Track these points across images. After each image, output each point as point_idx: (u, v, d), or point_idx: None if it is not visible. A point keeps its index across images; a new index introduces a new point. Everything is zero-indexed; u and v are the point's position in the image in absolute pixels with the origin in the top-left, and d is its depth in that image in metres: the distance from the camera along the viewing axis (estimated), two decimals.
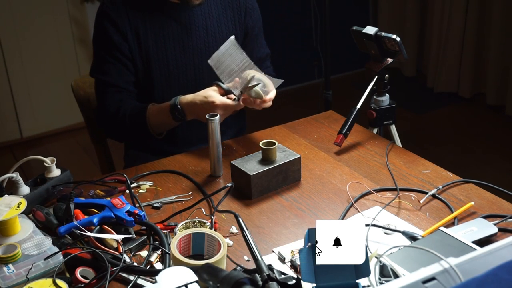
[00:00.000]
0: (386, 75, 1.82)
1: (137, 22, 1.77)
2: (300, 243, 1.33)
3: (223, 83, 1.68)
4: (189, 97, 1.68)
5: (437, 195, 1.49)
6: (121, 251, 1.27)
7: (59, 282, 1.17)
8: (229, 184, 1.49)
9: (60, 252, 1.25)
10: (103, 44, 1.80)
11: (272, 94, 1.67)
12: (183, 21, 1.81)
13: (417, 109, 4.01)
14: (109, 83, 1.78)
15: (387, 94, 1.86)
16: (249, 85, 1.63)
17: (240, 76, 1.67)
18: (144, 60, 1.80)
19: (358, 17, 4.49)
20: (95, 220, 1.33)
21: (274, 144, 1.55)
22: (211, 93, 1.65)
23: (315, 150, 1.75)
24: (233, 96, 1.65)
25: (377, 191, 1.52)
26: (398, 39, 1.71)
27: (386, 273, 1.09)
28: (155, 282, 1.15)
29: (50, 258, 1.23)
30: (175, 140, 1.90)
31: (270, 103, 1.68)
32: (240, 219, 1.23)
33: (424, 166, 1.64)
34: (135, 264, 1.28)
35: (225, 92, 1.67)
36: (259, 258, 1.11)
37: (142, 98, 1.84)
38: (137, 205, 1.48)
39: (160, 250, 1.31)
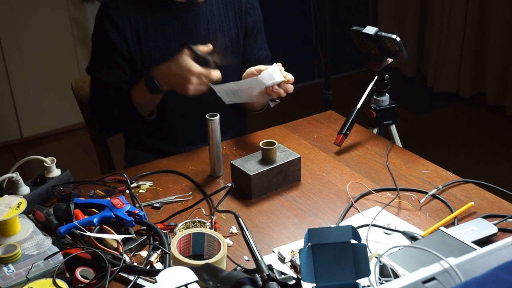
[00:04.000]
0: (386, 75, 1.82)
1: (138, 21, 1.78)
2: (300, 243, 1.33)
3: (194, 47, 1.65)
4: (162, 66, 1.67)
5: (437, 195, 1.49)
6: (121, 251, 1.27)
7: (59, 282, 1.17)
8: (229, 184, 1.49)
9: (60, 252, 1.25)
10: (101, 43, 1.80)
11: (289, 76, 1.66)
12: (185, 21, 1.81)
13: (417, 109, 4.01)
14: (102, 81, 1.80)
15: (387, 94, 1.86)
16: (270, 82, 1.63)
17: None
18: (144, 60, 1.80)
19: (358, 17, 4.49)
20: (95, 220, 1.33)
21: (274, 144, 1.55)
22: (186, 61, 1.62)
23: (315, 150, 1.75)
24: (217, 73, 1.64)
25: (377, 191, 1.52)
26: (398, 39, 1.70)
27: (386, 273, 1.09)
28: (155, 282, 1.15)
29: (50, 258, 1.23)
30: (175, 139, 1.90)
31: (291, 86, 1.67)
32: (240, 219, 1.23)
33: (424, 166, 1.64)
34: (135, 264, 1.28)
35: (197, 56, 1.64)
36: (259, 258, 1.11)
37: None
38: (137, 205, 1.48)
39: (160, 250, 1.31)
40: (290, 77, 1.66)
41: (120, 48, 1.77)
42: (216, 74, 1.63)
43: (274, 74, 1.63)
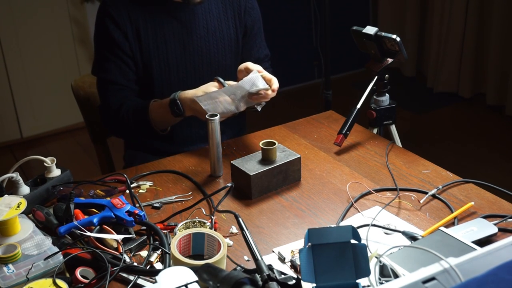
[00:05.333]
0: (386, 75, 1.82)
1: (137, 20, 1.78)
2: (300, 243, 1.33)
3: (223, 80, 1.67)
4: (189, 92, 1.68)
5: (437, 195, 1.49)
6: (121, 251, 1.27)
7: (59, 282, 1.17)
8: (229, 184, 1.49)
9: (60, 252, 1.25)
10: (104, 42, 1.80)
11: (275, 84, 1.65)
12: (184, 20, 1.81)
13: (417, 109, 4.01)
14: (111, 81, 1.79)
15: (387, 94, 1.86)
16: (252, 90, 1.62)
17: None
18: (144, 58, 1.80)
19: (358, 17, 4.49)
20: (95, 220, 1.33)
21: (274, 144, 1.55)
22: (210, 88, 1.64)
23: (315, 150, 1.75)
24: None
25: (377, 191, 1.52)
26: (398, 39, 1.71)
27: (386, 273, 1.09)
28: (155, 282, 1.15)
29: (50, 258, 1.23)
30: (174, 139, 1.90)
31: (274, 93, 1.65)
32: (240, 219, 1.23)
33: (424, 166, 1.64)
34: (135, 264, 1.28)
35: (225, 89, 1.65)
36: (259, 258, 1.11)
37: (142, 96, 1.84)
38: (137, 205, 1.48)
39: (160, 250, 1.31)
40: (275, 86, 1.63)
41: (123, 46, 1.78)
42: (242, 107, 1.63)
43: (256, 81, 1.62)
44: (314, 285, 1.00)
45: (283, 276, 1.08)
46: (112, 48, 1.78)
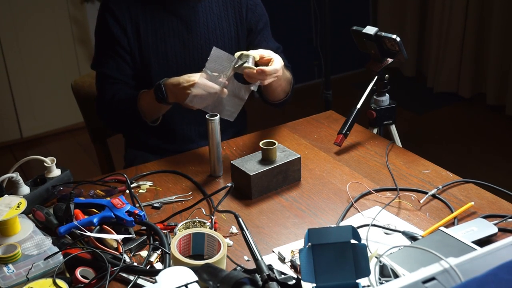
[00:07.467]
0: (386, 75, 1.82)
1: (137, 16, 1.79)
2: (300, 243, 1.33)
3: (211, 72, 1.66)
4: (174, 78, 1.67)
5: (437, 195, 1.49)
6: (121, 251, 1.27)
7: (59, 282, 1.17)
8: (229, 184, 1.49)
9: (60, 252, 1.25)
10: (103, 37, 1.81)
11: (277, 65, 1.64)
12: (184, 18, 1.82)
13: (417, 109, 4.01)
14: (107, 75, 1.80)
15: (387, 94, 1.86)
16: (237, 65, 1.61)
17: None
18: (143, 55, 1.81)
19: (358, 17, 4.49)
20: (95, 220, 1.33)
21: (274, 144, 1.55)
22: (195, 74, 1.63)
23: (315, 150, 1.75)
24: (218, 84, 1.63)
25: (377, 191, 1.52)
26: (398, 39, 1.71)
27: (386, 273, 1.09)
28: (155, 282, 1.15)
29: (50, 258, 1.23)
30: (174, 138, 1.91)
31: (276, 74, 1.65)
32: (240, 219, 1.23)
33: (424, 166, 1.64)
34: (135, 264, 1.28)
35: (210, 79, 1.65)
36: (259, 258, 1.11)
37: None
38: (137, 205, 1.48)
39: (160, 250, 1.31)
40: (270, 68, 1.63)
41: (122, 41, 1.78)
42: (223, 91, 1.62)
43: (221, 54, 1.63)
44: (314, 285, 1.00)
45: (283, 276, 1.08)
46: (111, 43, 1.79)
